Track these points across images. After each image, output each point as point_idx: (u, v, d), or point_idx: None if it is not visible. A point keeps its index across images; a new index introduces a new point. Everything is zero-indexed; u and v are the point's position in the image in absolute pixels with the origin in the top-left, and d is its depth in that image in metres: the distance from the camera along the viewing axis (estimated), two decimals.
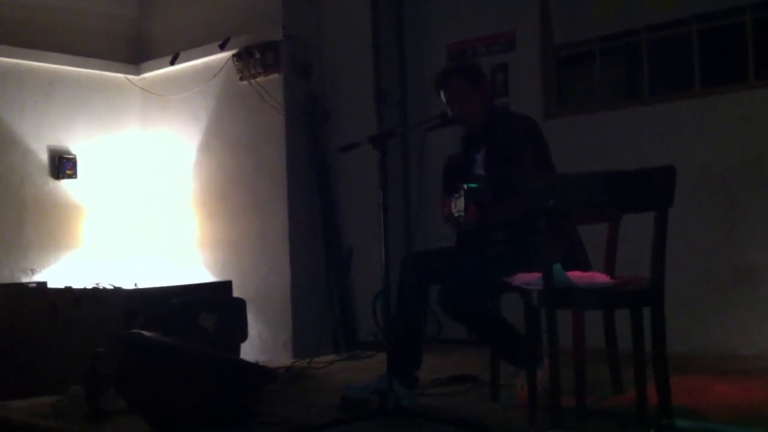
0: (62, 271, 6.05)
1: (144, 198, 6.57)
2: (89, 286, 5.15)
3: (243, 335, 5.05)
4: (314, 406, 3.47)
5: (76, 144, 6.27)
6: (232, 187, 6.10)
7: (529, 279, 2.95)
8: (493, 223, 3.39)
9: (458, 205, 3.33)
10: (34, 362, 5.13)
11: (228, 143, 6.14)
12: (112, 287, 5.09)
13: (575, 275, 2.92)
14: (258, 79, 5.84)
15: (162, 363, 3.06)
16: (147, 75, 6.67)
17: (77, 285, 5.35)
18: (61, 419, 3.34)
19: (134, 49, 6.72)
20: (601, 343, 3.31)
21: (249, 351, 5.37)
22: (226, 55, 6.02)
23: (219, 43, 6.01)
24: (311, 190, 5.83)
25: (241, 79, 5.93)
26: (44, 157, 6.11)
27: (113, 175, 6.48)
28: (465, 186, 3.31)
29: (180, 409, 3.00)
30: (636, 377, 2.86)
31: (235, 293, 5.40)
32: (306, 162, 5.82)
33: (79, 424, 3.28)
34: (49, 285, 5.76)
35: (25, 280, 5.87)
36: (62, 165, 6.14)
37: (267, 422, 3.13)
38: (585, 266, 3.25)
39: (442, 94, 3.56)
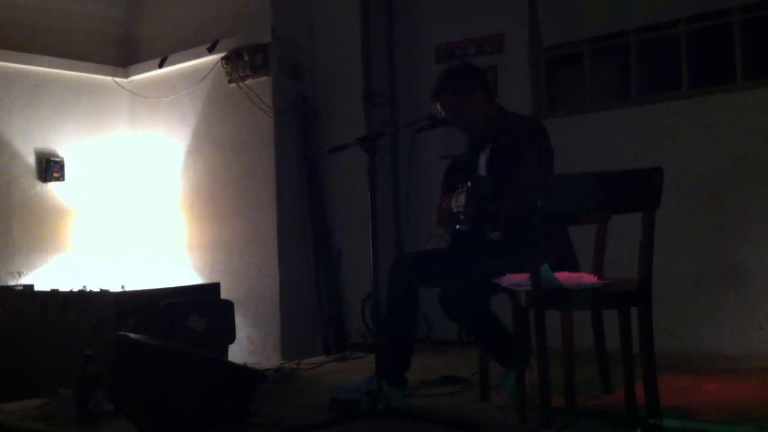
0: (49, 273, 6.01)
1: (132, 201, 6.54)
2: (76, 289, 5.14)
3: (231, 337, 5.05)
4: (304, 408, 3.46)
5: (63, 147, 6.23)
6: (220, 189, 6.08)
7: (517, 280, 2.96)
8: (486, 221, 3.39)
9: (458, 200, 3.30)
10: (22, 364, 5.10)
11: (217, 145, 6.12)
12: (99, 290, 5.08)
13: (563, 276, 2.92)
14: (247, 82, 5.82)
15: (156, 367, 3.04)
16: (135, 78, 6.65)
17: (64, 288, 5.33)
18: (50, 422, 3.31)
19: (122, 51, 6.70)
20: (589, 343, 3.31)
21: (238, 353, 5.36)
22: (214, 57, 6.00)
23: (208, 45, 5.98)
24: (300, 192, 5.82)
25: (230, 81, 5.91)
26: (31, 159, 6.07)
27: (101, 178, 6.44)
28: (469, 182, 3.29)
29: (173, 413, 2.98)
30: (624, 377, 2.86)
31: (224, 295, 5.39)
32: (295, 164, 5.82)
33: (68, 426, 3.25)
34: (36, 288, 5.72)
35: (12, 282, 5.84)
36: (50, 168, 6.10)
37: (259, 424, 3.12)
38: (573, 267, 3.26)
39: (438, 105, 3.56)
